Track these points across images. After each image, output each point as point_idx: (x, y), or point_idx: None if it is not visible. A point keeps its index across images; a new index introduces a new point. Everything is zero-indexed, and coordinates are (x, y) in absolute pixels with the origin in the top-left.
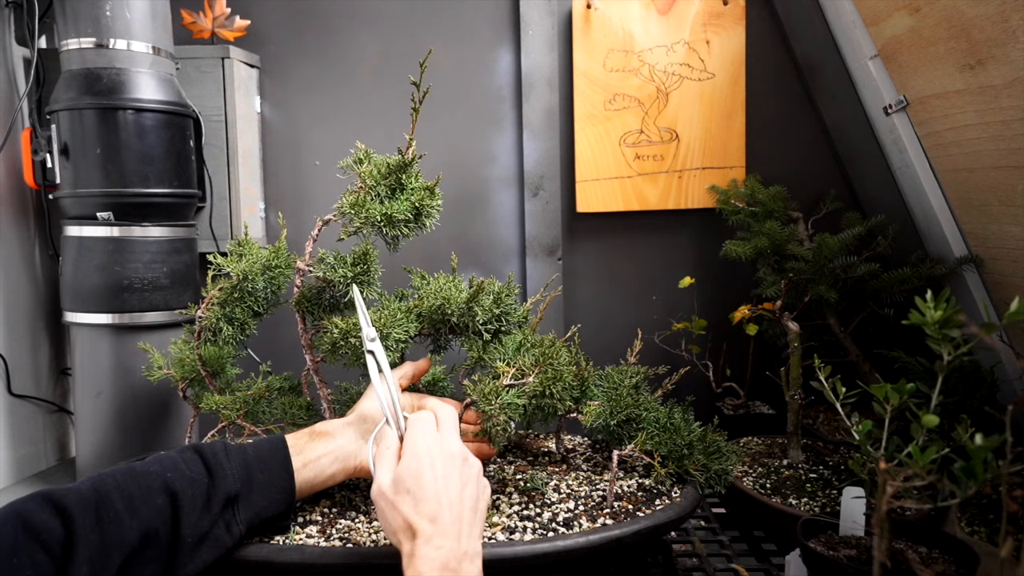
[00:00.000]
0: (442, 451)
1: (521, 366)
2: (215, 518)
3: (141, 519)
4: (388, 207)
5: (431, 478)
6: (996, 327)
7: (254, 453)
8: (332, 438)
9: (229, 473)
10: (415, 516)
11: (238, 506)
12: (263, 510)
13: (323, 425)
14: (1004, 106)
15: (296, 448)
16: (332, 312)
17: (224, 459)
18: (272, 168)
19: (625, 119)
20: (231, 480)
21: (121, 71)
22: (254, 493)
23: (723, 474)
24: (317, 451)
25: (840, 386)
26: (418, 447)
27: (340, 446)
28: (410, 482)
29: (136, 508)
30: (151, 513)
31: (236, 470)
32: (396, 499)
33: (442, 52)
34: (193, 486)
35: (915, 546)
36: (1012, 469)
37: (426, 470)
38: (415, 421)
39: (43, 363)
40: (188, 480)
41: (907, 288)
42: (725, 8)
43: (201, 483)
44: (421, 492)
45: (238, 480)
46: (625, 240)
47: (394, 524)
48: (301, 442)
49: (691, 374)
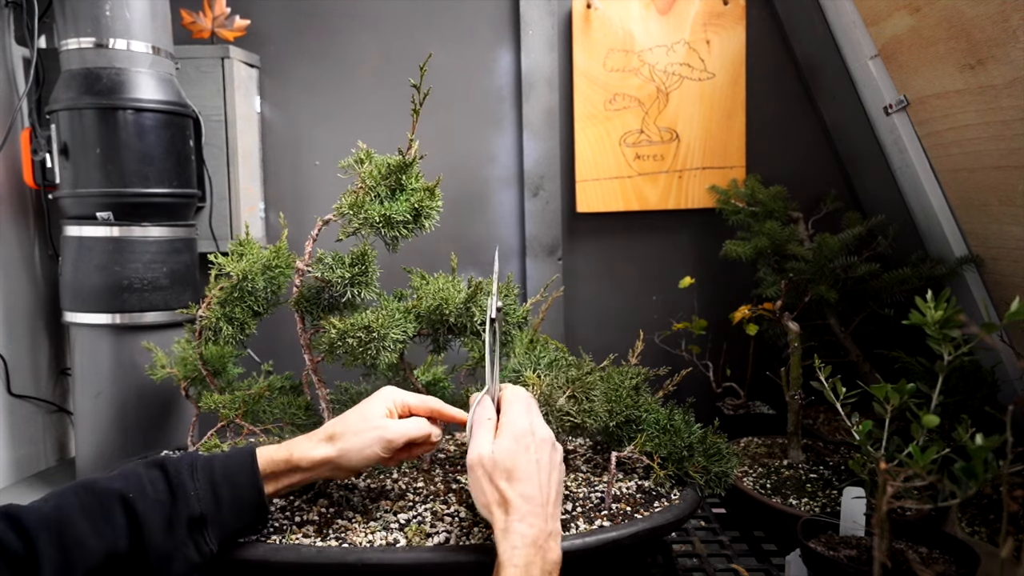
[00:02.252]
0: (536, 436)
1: (552, 383)
2: (181, 539)
3: (104, 539)
4: (387, 208)
5: (526, 461)
6: (996, 327)
7: (222, 471)
8: (310, 471)
9: (192, 494)
10: (511, 493)
11: (206, 526)
12: (235, 527)
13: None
14: (1004, 106)
15: (270, 472)
16: (331, 312)
17: (188, 478)
18: (272, 168)
19: (625, 119)
20: (194, 502)
21: (121, 71)
22: (223, 512)
23: (723, 476)
24: (292, 480)
25: (840, 386)
26: (516, 428)
27: (318, 475)
28: (508, 461)
29: (99, 529)
30: (113, 534)
31: (201, 490)
32: (494, 473)
33: (442, 52)
34: (155, 508)
35: (915, 546)
36: (1012, 469)
37: (522, 452)
38: (512, 400)
39: (43, 363)
40: (150, 501)
41: (907, 288)
42: (725, 8)
43: (163, 504)
44: (518, 472)
45: (203, 501)
46: (625, 240)
47: (488, 495)
48: (277, 468)
49: (691, 374)
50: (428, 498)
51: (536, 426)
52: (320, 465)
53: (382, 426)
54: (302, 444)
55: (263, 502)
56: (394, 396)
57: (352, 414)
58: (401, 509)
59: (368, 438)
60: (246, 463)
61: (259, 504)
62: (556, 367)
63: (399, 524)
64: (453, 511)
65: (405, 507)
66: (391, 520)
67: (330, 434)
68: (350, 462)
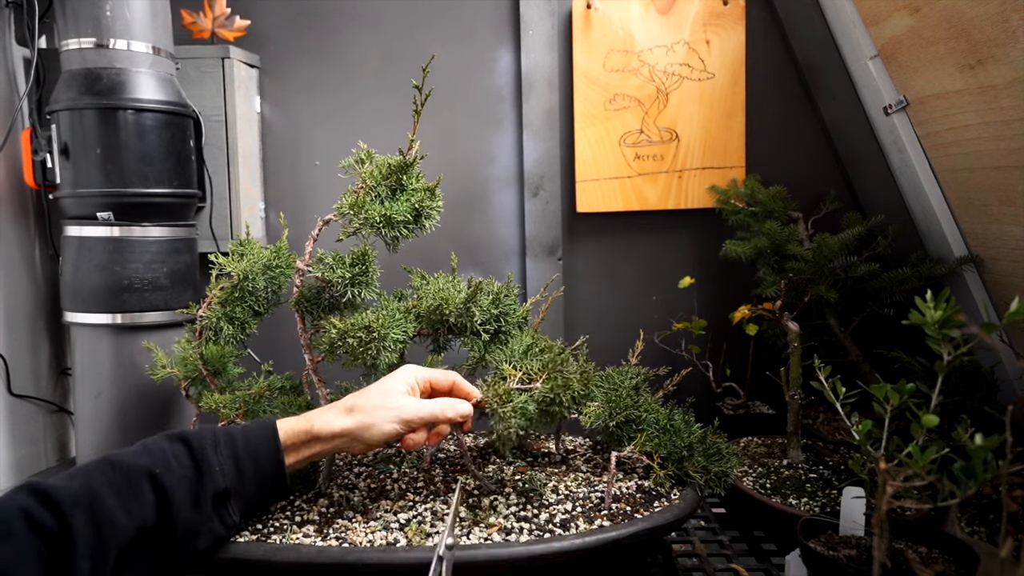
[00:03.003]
0: None
1: (528, 370)
2: (208, 514)
3: (134, 516)
4: (387, 208)
5: None
6: (996, 327)
7: (244, 443)
8: (329, 441)
9: (217, 469)
10: None
11: (230, 500)
12: (257, 499)
13: (323, 422)
14: (1004, 106)
15: (291, 444)
16: (331, 312)
17: (212, 453)
18: (272, 168)
19: (625, 119)
20: (219, 476)
21: (121, 71)
22: (246, 486)
23: (723, 476)
24: (312, 450)
25: (840, 386)
26: None
27: (336, 446)
28: None
29: (128, 506)
30: (143, 510)
31: (225, 464)
32: None
33: (442, 52)
34: (181, 483)
35: (915, 546)
36: (1012, 469)
37: None
38: None
39: (43, 363)
40: (176, 477)
41: (907, 288)
42: (725, 8)
43: (189, 480)
44: None
45: (227, 475)
46: (625, 240)
47: None
48: (298, 439)
49: (691, 374)
50: (428, 498)
51: None
52: (339, 436)
53: (401, 405)
54: (323, 415)
55: (284, 475)
56: (416, 373)
57: (373, 389)
58: (401, 509)
59: (386, 415)
60: (268, 436)
61: (280, 476)
62: (531, 354)
63: (399, 524)
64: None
65: (405, 507)
66: (391, 520)
67: (350, 407)
68: (369, 437)
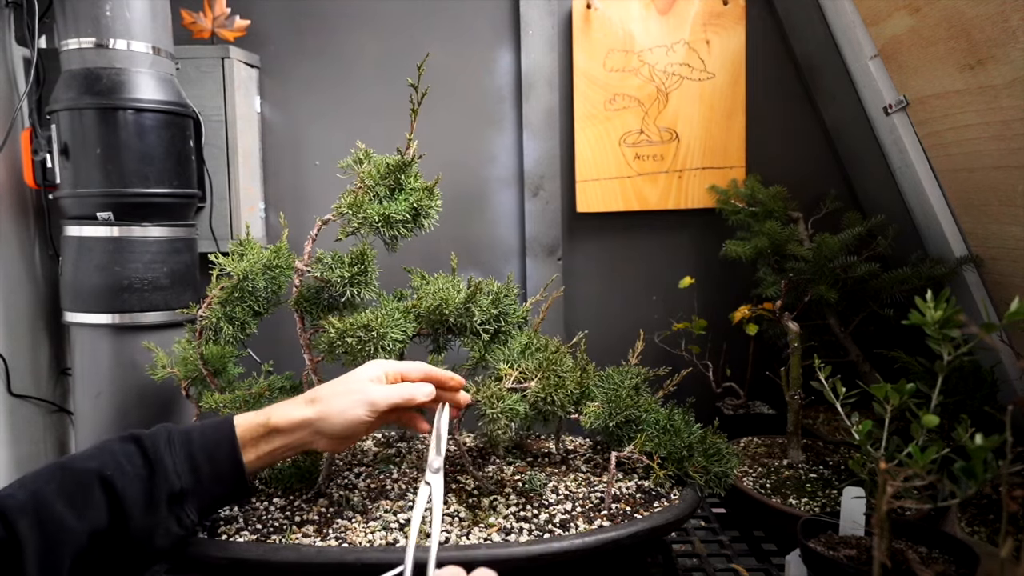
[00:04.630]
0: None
1: (524, 370)
2: (163, 515)
3: (85, 520)
4: (386, 208)
5: None
6: (996, 327)
7: (200, 442)
8: (290, 433)
9: (171, 468)
10: None
11: (187, 500)
12: (215, 496)
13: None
14: (1004, 106)
15: (248, 439)
16: (330, 312)
17: (166, 452)
18: (272, 168)
19: (625, 119)
20: (174, 476)
21: (121, 71)
22: (203, 484)
23: (723, 476)
24: (273, 445)
25: (840, 386)
26: None
27: (299, 440)
28: None
29: (79, 510)
30: (94, 513)
31: (180, 463)
32: None
33: (442, 52)
34: (134, 484)
35: (915, 546)
36: (1012, 469)
37: None
38: None
39: (43, 363)
40: (129, 478)
41: (907, 288)
42: (725, 8)
43: (142, 480)
44: None
45: (182, 475)
46: (625, 240)
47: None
48: (256, 433)
49: (691, 374)
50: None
51: None
52: (300, 427)
53: (364, 389)
54: (282, 407)
55: (243, 472)
56: (385, 366)
57: (337, 380)
58: (401, 509)
59: (351, 400)
60: (224, 432)
61: (239, 474)
62: (528, 353)
63: (399, 524)
64: (453, 511)
65: (405, 507)
66: (391, 520)
67: (312, 397)
68: (332, 425)
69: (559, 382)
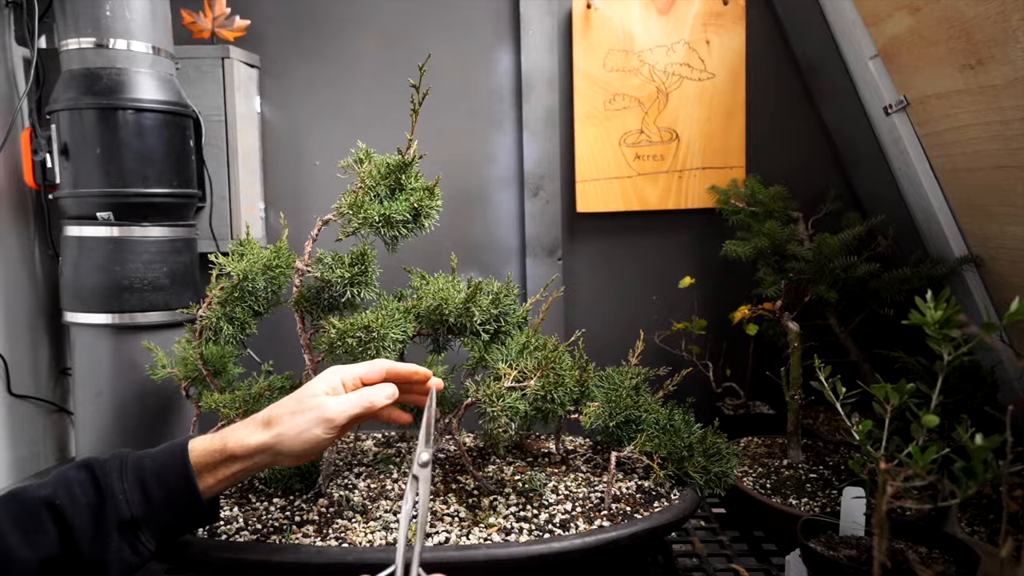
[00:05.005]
0: None
1: (523, 368)
2: (115, 543)
3: (36, 549)
4: (386, 208)
5: None
6: (996, 327)
7: (152, 468)
8: (248, 459)
9: (121, 496)
10: None
11: (140, 528)
12: (172, 523)
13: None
14: (1004, 106)
15: (204, 464)
16: (330, 312)
17: (116, 480)
18: (272, 168)
19: (625, 119)
20: (123, 505)
21: (121, 71)
22: (155, 512)
23: (723, 476)
24: (232, 469)
25: (840, 386)
26: None
27: (259, 463)
28: None
29: (29, 539)
30: (46, 541)
31: (131, 491)
32: None
33: (442, 52)
34: (84, 513)
35: (915, 546)
36: (1012, 469)
37: None
38: None
39: (43, 363)
40: (80, 506)
41: (907, 288)
42: (725, 8)
43: (92, 507)
44: None
45: (133, 503)
46: (625, 240)
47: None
48: (213, 459)
49: (691, 374)
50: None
51: None
52: (257, 452)
53: (320, 405)
54: (238, 432)
55: (198, 498)
56: (342, 374)
57: (289, 397)
58: (401, 509)
59: (306, 419)
60: (177, 458)
61: (194, 501)
62: (527, 352)
63: (399, 524)
64: (453, 511)
65: None
66: (391, 520)
67: (267, 419)
68: (290, 447)
69: (558, 380)
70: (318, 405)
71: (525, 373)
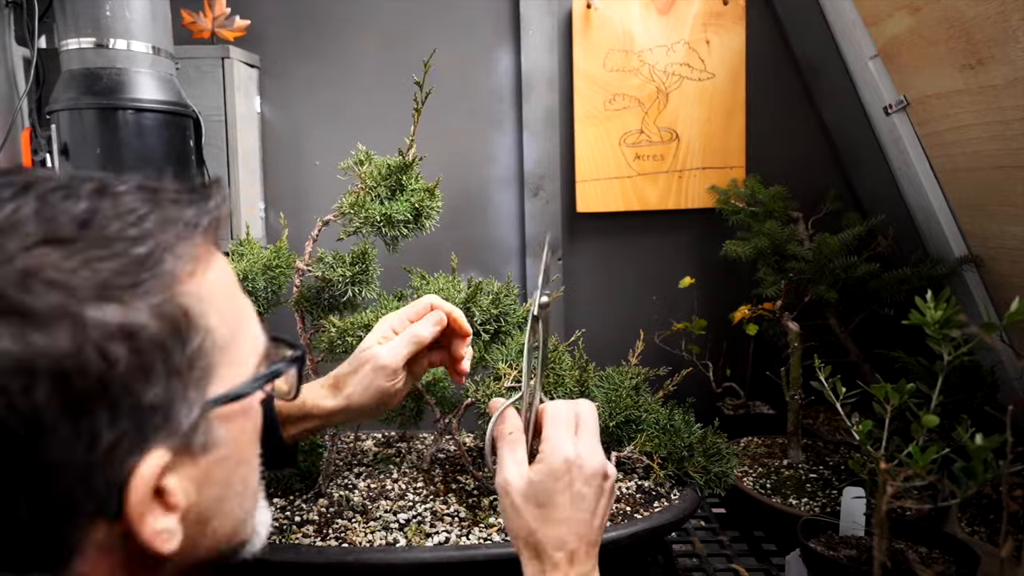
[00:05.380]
0: (583, 469)
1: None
2: None
3: None
4: (387, 208)
5: (566, 502)
6: (996, 327)
7: None
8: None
9: None
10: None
11: None
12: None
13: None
14: (1004, 106)
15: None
16: (331, 312)
17: None
18: (272, 168)
19: (625, 119)
20: None
21: (121, 71)
22: None
23: (723, 476)
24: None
25: (840, 386)
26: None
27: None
28: (543, 497)
29: None
30: None
31: None
32: (524, 506)
33: (442, 52)
34: None
35: (915, 546)
36: (1012, 469)
37: (563, 491)
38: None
39: None
40: None
41: (907, 288)
42: (725, 8)
43: None
44: (553, 513)
45: None
46: (625, 240)
47: (516, 528)
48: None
49: (691, 374)
50: (428, 498)
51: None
52: (333, 414)
53: (372, 356)
54: (314, 392)
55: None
56: (390, 321)
57: (352, 357)
58: (401, 509)
59: (363, 374)
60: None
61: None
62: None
63: (399, 524)
64: (453, 511)
65: (405, 507)
66: (391, 520)
67: (334, 382)
68: (361, 404)
69: (558, 380)
70: (370, 357)
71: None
